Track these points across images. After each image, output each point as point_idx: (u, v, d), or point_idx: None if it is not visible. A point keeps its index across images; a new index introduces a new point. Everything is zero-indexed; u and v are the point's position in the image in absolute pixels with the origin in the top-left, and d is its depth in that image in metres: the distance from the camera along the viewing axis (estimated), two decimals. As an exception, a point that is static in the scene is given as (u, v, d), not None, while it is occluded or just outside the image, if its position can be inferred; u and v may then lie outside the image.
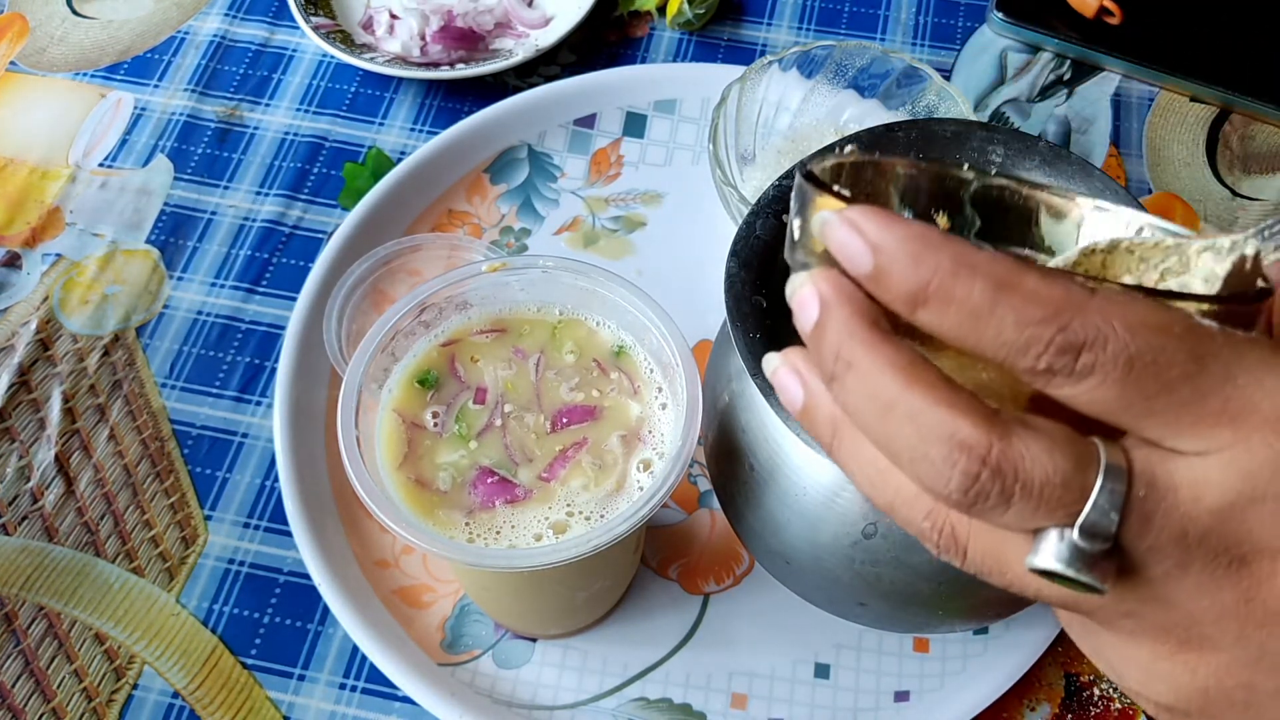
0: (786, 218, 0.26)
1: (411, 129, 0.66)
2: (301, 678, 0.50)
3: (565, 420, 0.42)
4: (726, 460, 0.42)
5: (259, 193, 0.63)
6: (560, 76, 0.68)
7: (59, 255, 0.61)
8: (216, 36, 0.70)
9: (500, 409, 0.42)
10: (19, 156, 0.65)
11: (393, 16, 0.69)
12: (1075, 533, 0.23)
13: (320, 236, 0.62)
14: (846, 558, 0.39)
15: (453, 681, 0.49)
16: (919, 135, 0.42)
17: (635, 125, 0.65)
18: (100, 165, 0.65)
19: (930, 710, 0.48)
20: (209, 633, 0.51)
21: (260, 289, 0.60)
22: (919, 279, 0.23)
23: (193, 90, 0.67)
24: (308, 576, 0.50)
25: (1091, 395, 0.23)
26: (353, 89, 0.68)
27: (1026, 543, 0.24)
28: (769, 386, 0.35)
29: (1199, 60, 0.67)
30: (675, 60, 0.69)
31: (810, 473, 0.38)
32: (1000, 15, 0.69)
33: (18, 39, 0.70)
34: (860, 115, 0.59)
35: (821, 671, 0.50)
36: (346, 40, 0.68)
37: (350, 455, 0.39)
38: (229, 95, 0.67)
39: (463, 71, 0.65)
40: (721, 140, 0.56)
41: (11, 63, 0.69)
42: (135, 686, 0.49)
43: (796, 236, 0.26)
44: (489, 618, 0.51)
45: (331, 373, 0.56)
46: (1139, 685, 0.26)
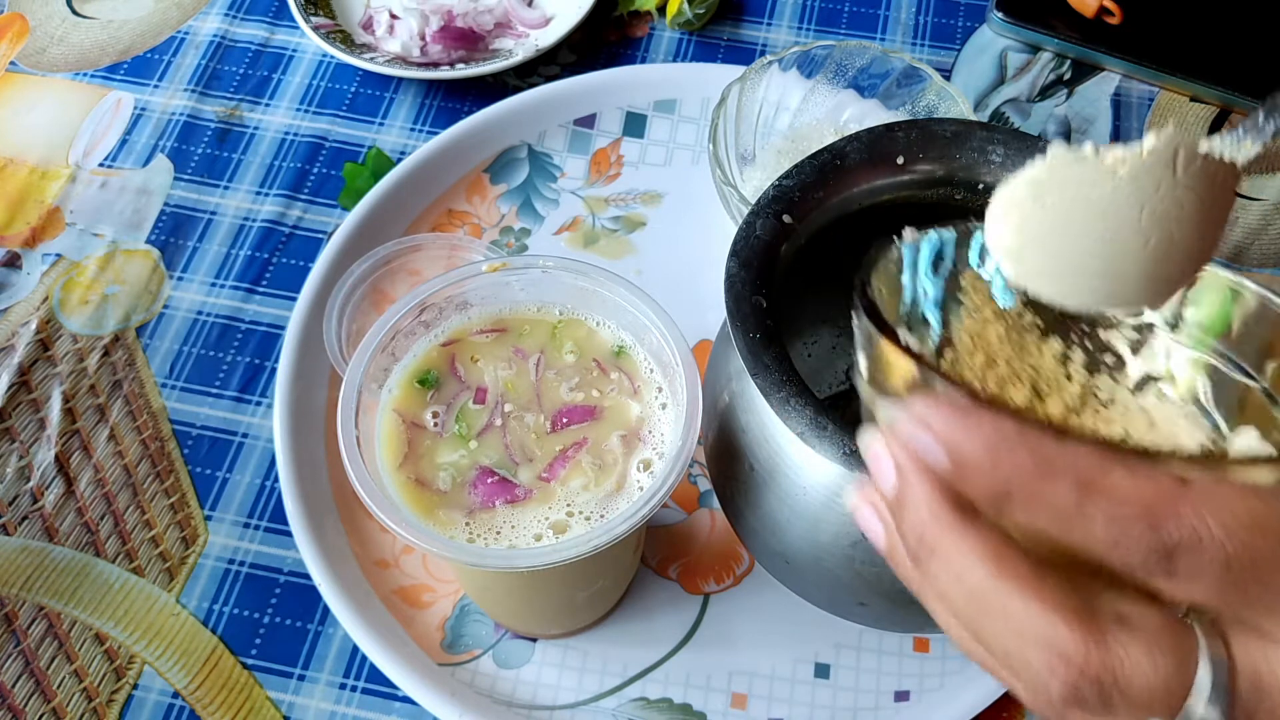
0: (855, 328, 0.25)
1: (411, 129, 0.66)
2: (301, 678, 0.50)
3: (565, 420, 0.42)
4: (726, 460, 0.42)
5: (259, 193, 0.63)
6: (560, 76, 0.68)
7: (59, 255, 0.61)
8: (216, 36, 0.70)
9: (500, 409, 0.42)
10: (19, 156, 0.65)
11: (393, 16, 0.69)
12: None
13: (320, 236, 0.62)
14: (846, 557, 0.39)
15: (453, 681, 0.49)
16: (919, 135, 0.41)
17: (635, 125, 0.65)
18: (100, 165, 0.65)
19: (930, 710, 0.48)
20: (209, 633, 0.51)
21: (260, 289, 0.60)
22: (999, 481, 0.22)
23: (193, 90, 0.67)
24: (308, 576, 0.50)
25: (1189, 592, 0.22)
26: (353, 89, 0.68)
27: None
28: (769, 386, 0.35)
29: (1199, 60, 0.67)
30: (675, 60, 0.69)
31: (810, 473, 0.38)
32: (1000, 15, 0.69)
33: (18, 39, 0.70)
34: (860, 115, 0.59)
35: (821, 671, 0.50)
36: (346, 40, 0.68)
37: (350, 455, 0.39)
38: (229, 95, 0.67)
39: (463, 71, 0.65)
40: (721, 140, 0.56)
41: (11, 63, 0.69)
42: (135, 686, 0.49)
43: (865, 373, 0.25)
44: (489, 618, 0.51)
45: (331, 373, 0.56)
46: None
